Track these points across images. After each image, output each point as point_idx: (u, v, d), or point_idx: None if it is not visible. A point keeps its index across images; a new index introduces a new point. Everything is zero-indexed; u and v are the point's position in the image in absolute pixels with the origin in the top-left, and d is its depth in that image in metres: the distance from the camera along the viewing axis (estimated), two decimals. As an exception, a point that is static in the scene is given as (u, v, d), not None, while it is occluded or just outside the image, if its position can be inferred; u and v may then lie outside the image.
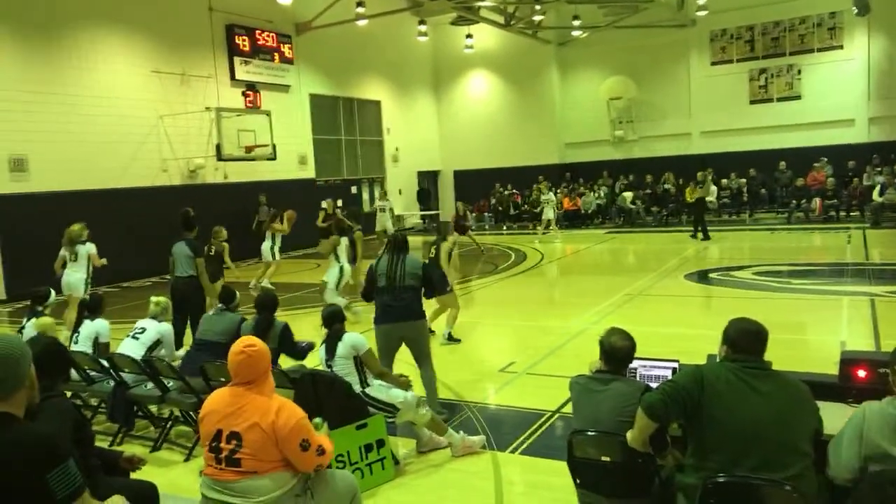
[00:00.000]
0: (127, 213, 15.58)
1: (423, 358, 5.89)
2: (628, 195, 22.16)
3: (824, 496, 2.99)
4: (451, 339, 8.37)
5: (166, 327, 6.30)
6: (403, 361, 6.98)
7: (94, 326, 6.31)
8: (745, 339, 3.06)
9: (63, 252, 9.52)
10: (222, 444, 3.06)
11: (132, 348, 6.00)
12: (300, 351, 5.87)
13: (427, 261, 8.38)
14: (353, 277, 11.45)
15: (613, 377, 3.44)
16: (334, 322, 5.04)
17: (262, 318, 5.67)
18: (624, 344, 3.46)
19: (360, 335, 5.03)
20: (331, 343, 4.97)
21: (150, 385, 5.64)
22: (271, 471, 3.04)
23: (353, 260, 10.72)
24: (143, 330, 6.20)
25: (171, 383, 5.59)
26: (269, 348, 5.44)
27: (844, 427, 2.96)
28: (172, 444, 5.65)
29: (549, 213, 20.20)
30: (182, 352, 6.67)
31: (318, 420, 3.75)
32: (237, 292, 6.44)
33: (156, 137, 16.84)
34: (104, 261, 9.85)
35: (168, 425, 5.71)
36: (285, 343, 5.68)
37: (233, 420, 3.06)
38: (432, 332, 8.40)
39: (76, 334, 6.36)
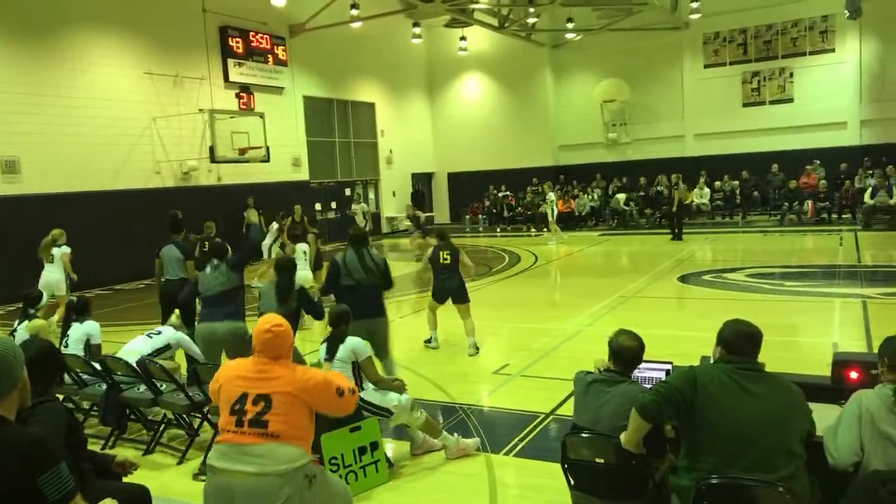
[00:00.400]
0: (119, 215, 15.53)
1: (385, 351, 6.22)
2: (621, 197, 22.20)
3: (816, 497, 3.01)
4: (477, 348, 8.07)
5: (182, 335, 6.46)
6: (399, 365, 6.97)
7: (84, 328, 6.31)
8: (740, 341, 3.07)
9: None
10: (247, 407, 3.07)
11: (141, 344, 6.16)
12: (318, 308, 6.10)
13: (443, 264, 8.06)
14: (316, 281, 11.51)
15: (621, 379, 3.45)
16: (341, 323, 5.05)
17: (283, 280, 5.86)
18: (632, 344, 3.47)
19: (364, 342, 5.00)
20: (332, 344, 4.95)
21: (142, 388, 5.61)
22: (293, 441, 3.07)
23: (311, 264, 10.78)
24: (159, 333, 6.38)
25: (163, 386, 5.56)
26: (291, 308, 5.69)
27: (840, 415, 2.99)
28: (165, 447, 5.62)
29: (552, 214, 19.92)
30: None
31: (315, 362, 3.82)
32: (228, 246, 6.60)
33: (149, 139, 16.79)
34: (72, 274, 10.46)
35: (161, 428, 5.68)
36: (305, 301, 6.04)
37: (260, 385, 3.11)
38: (433, 346, 8.33)
39: (65, 338, 6.34)
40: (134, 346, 6.11)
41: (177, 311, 6.81)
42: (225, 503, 3.03)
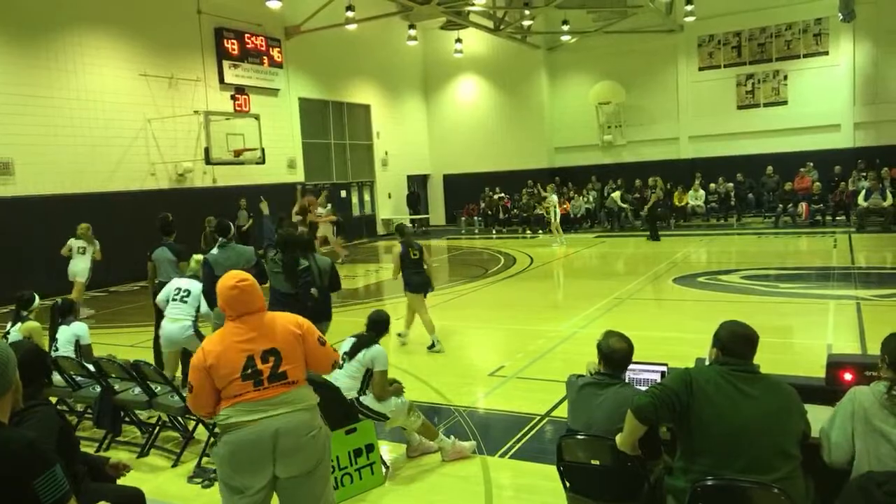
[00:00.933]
0: (114, 216, 15.47)
1: None
2: (616, 195, 22.15)
3: (812, 499, 3.02)
4: (404, 342, 8.25)
5: (200, 285, 6.49)
6: (394, 367, 6.96)
7: (73, 330, 6.25)
8: (736, 343, 3.07)
9: (72, 243, 11.53)
10: (260, 367, 3.07)
11: (184, 310, 6.29)
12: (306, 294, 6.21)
13: (414, 259, 8.22)
14: None
15: (612, 381, 3.45)
16: (372, 330, 5.06)
17: (290, 257, 5.93)
18: (621, 346, 3.48)
19: (386, 355, 4.95)
20: (356, 346, 4.94)
21: (136, 390, 5.59)
22: (304, 384, 3.20)
23: None
24: (189, 292, 6.41)
25: (158, 388, 5.54)
26: (298, 286, 5.87)
27: (835, 412, 3.00)
28: (160, 449, 5.60)
29: (555, 217, 19.45)
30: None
31: None
32: (231, 224, 6.65)
33: (144, 141, 16.74)
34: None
35: (155, 431, 5.66)
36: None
37: (260, 342, 3.11)
38: (435, 346, 8.31)
39: (54, 342, 6.28)
40: (177, 313, 6.26)
41: (196, 256, 6.78)
42: (262, 448, 3.01)
